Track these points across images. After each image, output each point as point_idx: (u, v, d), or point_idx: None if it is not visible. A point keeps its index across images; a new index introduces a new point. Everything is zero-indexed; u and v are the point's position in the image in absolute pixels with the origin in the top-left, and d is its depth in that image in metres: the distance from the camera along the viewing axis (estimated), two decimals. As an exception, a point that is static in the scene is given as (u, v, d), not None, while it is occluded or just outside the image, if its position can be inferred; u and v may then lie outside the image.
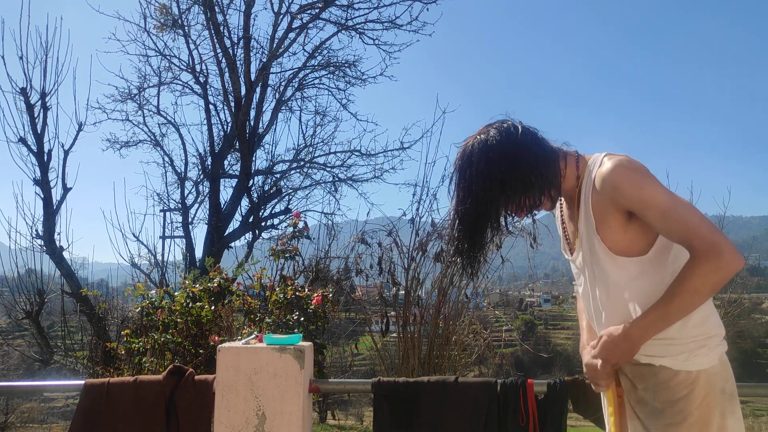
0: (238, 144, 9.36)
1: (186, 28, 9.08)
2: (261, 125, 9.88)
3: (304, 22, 9.51)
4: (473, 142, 1.70)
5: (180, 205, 9.70)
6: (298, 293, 3.63)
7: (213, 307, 3.59)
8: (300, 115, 10.42)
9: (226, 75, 9.02)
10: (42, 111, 7.45)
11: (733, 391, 1.58)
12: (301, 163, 10.37)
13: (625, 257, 1.62)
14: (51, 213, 7.52)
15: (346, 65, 10.01)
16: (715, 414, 1.52)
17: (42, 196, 7.50)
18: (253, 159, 9.70)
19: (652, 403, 1.59)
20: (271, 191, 10.16)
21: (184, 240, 9.53)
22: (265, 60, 9.31)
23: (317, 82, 10.39)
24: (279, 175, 10.35)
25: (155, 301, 3.81)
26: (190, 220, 9.65)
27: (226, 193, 9.87)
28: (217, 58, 9.02)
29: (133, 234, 8.57)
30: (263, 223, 9.83)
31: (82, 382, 2.47)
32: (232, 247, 9.45)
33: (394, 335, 4.69)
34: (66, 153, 7.69)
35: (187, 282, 3.85)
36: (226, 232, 9.34)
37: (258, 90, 9.40)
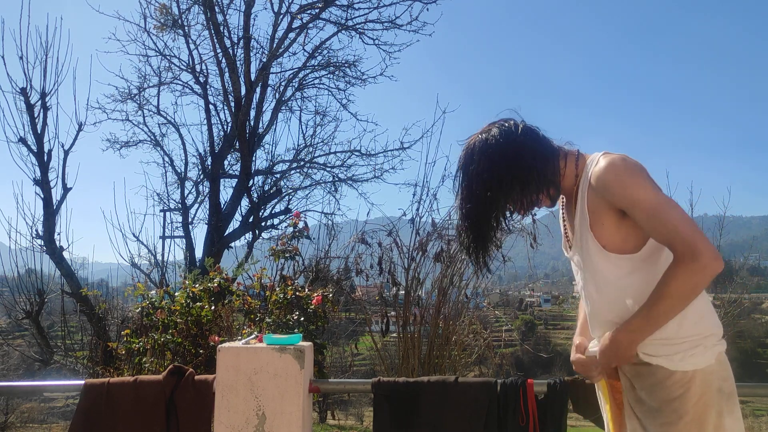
0: (238, 144, 9.36)
1: (186, 28, 9.08)
2: (261, 125, 9.89)
3: (304, 22, 9.51)
4: (475, 141, 1.75)
5: (180, 205, 9.69)
6: (298, 293, 3.63)
7: (213, 307, 3.59)
8: (300, 115, 10.42)
9: (226, 75, 9.01)
10: (42, 111, 7.45)
11: (731, 390, 1.57)
12: (301, 163, 10.37)
13: (618, 254, 1.63)
14: (51, 213, 7.52)
15: (346, 65, 10.02)
16: (711, 413, 1.52)
17: (42, 196, 7.50)
18: (253, 159, 9.70)
19: (649, 402, 1.60)
20: (271, 191, 10.15)
21: (184, 240, 9.54)
22: (265, 60, 9.31)
23: (317, 82, 10.39)
24: (279, 175, 10.35)
25: (155, 301, 3.81)
26: (190, 220, 9.65)
27: (226, 193, 9.88)
28: (217, 58, 9.03)
29: (133, 234, 8.57)
30: (263, 223, 9.83)
31: (82, 382, 2.47)
32: (232, 247, 9.45)
33: (394, 335, 4.69)
34: (66, 153, 7.69)
35: (187, 282, 3.85)
36: (226, 232, 9.33)
37: (258, 90, 9.39)
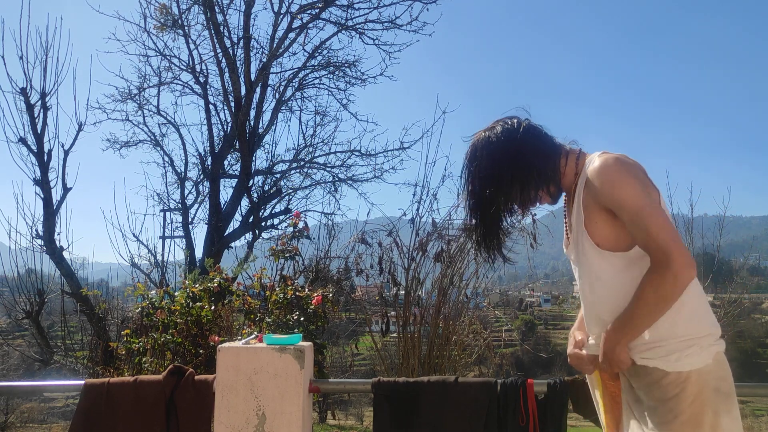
0: (238, 144, 9.36)
1: (186, 28, 9.08)
2: (261, 125, 9.88)
3: (304, 22, 9.51)
4: (479, 138, 1.81)
5: (180, 205, 9.69)
6: (298, 293, 3.63)
7: (213, 307, 3.59)
8: (300, 115, 10.41)
9: (226, 75, 9.01)
10: (42, 111, 7.44)
11: (729, 390, 1.57)
12: (301, 163, 10.37)
13: (611, 252, 1.65)
14: (51, 213, 7.51)
15: (346, 65, 10.01)
16: (707, 413, 1.52)
17: (42, 196, 7.49)
18: (253, 159, 9.70)
19: (646, 401, 1.61)
20: (271, 191, 10.15)
21: (184, 240, 9.54)
22: (265, 60, 9.31)
23: (317, 82, 10.39)
24: (279, 175, 10.35)
25: (155, 301, 3.81)
26: (190, 220, 9.65)
27: (226, 193, 9.88)
28: (217, 58, 9.03)
29: (133, 234, 8.56)
30: (263, 223, 9.83)
31: (82, 382, 2.47)
32: (232, 247, 9.45)
33: (394, 335, 4.69)
34: (66, 153, 7.68)
35: (187, 282, 3.85)
36: (226, 232, 9.33)
37: (258, 90, 9.39)
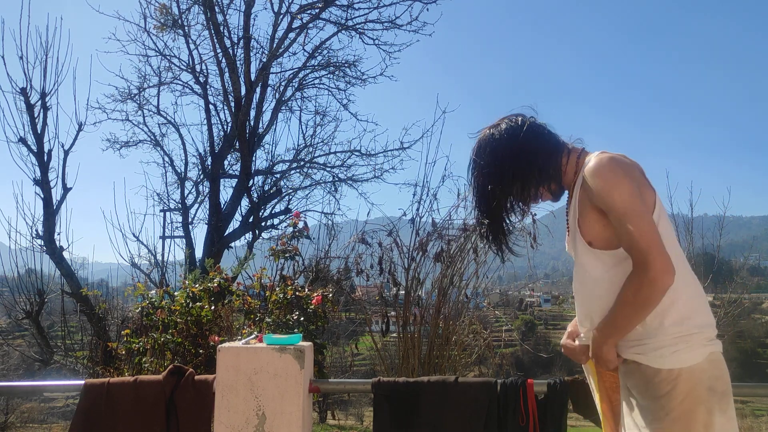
0: (238, 144, 9.36)
1: (186, 28, 9.08)
2: (261, 125, 9.89)
3: (304, 22, 9.51)
4: (484, 135, 1.86)
5: (180, 205, 9.69)
6: (298, 293, 3.63)
7: (213, 307, 3.59)
8: (300, 115, 10.43)
9: (226, 75, 9.01)
10: (42, 111, 7.44)
11: (725, 390, 1.58)
12: (301, 163, 10.37)
13: (602, 250, 1.68)
14: (51, 213, 7.51)
15: (346, 65, 10.02)
16: (700, 411, 1.53)
17: (42, 196, 7.49)
18: (253, 159, 9.70)
19: (640, 400, 1.63)
20: (271, 191, 10.15)
21: (184, 240, 9.54)
22: (265, 60, 9.31)
23: (317, 82, 10.40)
24: (279, 175, 10.35)
25: (155, 301, 3.81)
26: (190, 220, 9.65)
27: (226, 193, 9.88)
28: (217, 58, 9.03)
29: (133, 234, 8.56)
30: (263, 223, 9.83)
31: (82, 382, 2.47)
32: (232, 247, 9.45)
33: (394, 335, 4.69)
34: (66, 153, 7.68)
35: (187, 282, 3.85)
36: (226, 232, 9.33)
37: (258, 90, 9.39)
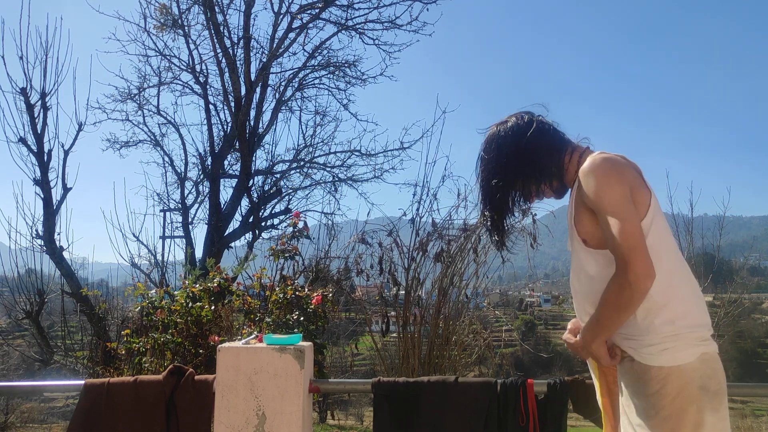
0: (238, 144, 9.35)
1: (186, 28, 9.08)
2: (261, 125, 9.88)
3: (304, 22, 9.51)
4: (491, 131, 1.91)
5: (180, 205, 9.69)
6: (298, 293, 3.63)
7: (213, 307, 3.59)
8: (300, 115, 10.43)
9: (226, 75, 9.01)
10: (42, 111, 7.43)
11: (717, 389, 1.58)
12: (301, 163, 10.37)
13: (596, 249, 1.70)
14: (51, 213, 7.50)
15: (346, 65, 10.02)
16: (690, 409, 1.54)
17: (42, 196, 7.48)
18: (253, 159, 9.70)
19: (633, 398, 1.65)
20: (271, 191, 10.15)
21: (184, 240, 9.54)
22: (265, 60, 9.31)
23: (317, 82, 10.40)
24: (279, 175, 10.35)
25: (155, 301, 3.81)
26: (190, 220, 9.64)
27: (226, 193, 9.88)
28: (217, 58, 9.03)
29: (133, 234, 8.56)
30: (263, 223, 9.83)
31: (82, 382, 2.47)
32: (232, 247, 9.44)
33: (394, 335, 4.69)
34: (66, 153, 7.67)
35: (187, 282, 3.85)
36: (226, 232, 9.33)
37: (258, 90, 9.38)
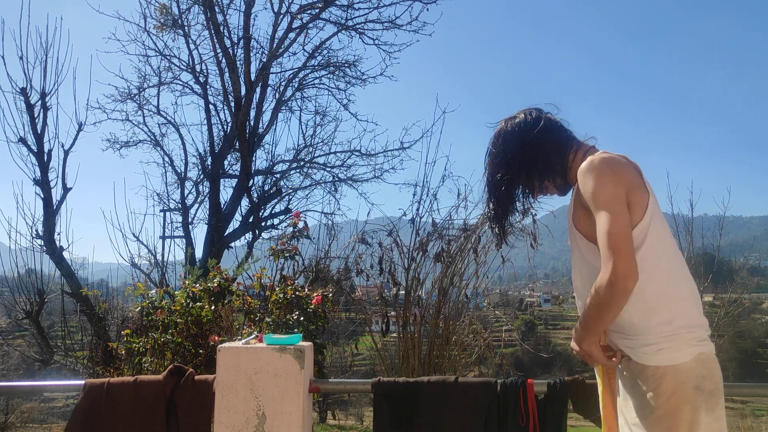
0: (238, 144, 9.35)
1: (186, 28, 9.08)
2: (261, 125, 9.88)
3: (304, 22, 9.50)
4: (500, 126, 1.97)
5: (180, 205, 9.69)
6: (298, 293, 3.63)
7: (213, 307, 3.59)
8: (300, 115, 10.43)
9: (226, 75, 9.00)
10: (42, 111, 7.43)
11: (713, 390, 1.59)
12: (301, 163, 10.37)
13: (594, 245, 1.71)
14: (51, 213, 7.50)
15: (346, 65, 10.01)
16: (685, 409, 1.55)
17: (42, 196, 7.48)
18: (253, 159, 9.69)
19: (629, 397, 1.66)
20: (271, 191, 10.15)
21: (184, 240, 9.54)
22: (265, 60, 9.30)
23: (317, 82, 10.39)
24: (279, 175, 10.34)
25: (155, 301, 3.81)
26: (190, 220, 9.64)
27: (226, 193, 9.87)
28: (217, 58, 9.02)
29: (133, 234, 8.55)
30: (263, 223, 9.82)
31: (82, 382, 2.47)
32: (232, 247, 9.44)
33: (394, 335, 4.69)
34: (66, 153, 7.67)
35: (187, 282, 3.85)
36: (226, 232, 9.33)
37: (258, 90, 9.38)
